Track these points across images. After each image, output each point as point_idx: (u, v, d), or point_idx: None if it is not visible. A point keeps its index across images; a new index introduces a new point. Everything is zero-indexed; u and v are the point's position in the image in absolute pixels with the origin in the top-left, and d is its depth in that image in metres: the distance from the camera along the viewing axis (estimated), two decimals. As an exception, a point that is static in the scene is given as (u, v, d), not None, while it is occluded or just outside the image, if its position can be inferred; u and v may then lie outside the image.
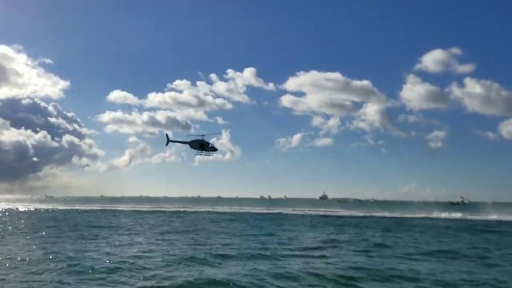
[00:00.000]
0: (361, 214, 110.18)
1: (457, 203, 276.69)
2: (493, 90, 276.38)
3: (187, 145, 63.43)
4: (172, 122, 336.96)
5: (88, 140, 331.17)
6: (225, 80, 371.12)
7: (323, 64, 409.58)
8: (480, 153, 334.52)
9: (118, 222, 67.70)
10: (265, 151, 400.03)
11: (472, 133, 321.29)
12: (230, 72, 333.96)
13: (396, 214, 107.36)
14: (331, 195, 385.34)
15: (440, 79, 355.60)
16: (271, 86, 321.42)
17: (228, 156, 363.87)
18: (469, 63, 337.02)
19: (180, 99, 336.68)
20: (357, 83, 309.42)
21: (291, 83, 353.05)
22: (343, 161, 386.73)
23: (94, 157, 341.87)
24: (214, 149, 64.74)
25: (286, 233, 50.83)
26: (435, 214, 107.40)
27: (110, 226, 59.89)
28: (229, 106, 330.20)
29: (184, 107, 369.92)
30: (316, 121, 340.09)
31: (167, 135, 65.45)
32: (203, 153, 64.78)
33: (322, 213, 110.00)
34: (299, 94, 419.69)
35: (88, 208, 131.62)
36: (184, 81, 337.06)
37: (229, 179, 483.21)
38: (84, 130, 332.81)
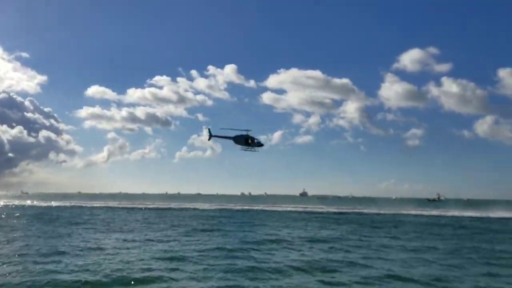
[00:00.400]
0: (339, 210, 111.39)
1: (433, 200, 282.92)
2: (469, 89, 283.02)
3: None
4: (152, 118, 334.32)
5: (65, 136, 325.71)
6: (206, 77, 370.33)
7: (304, 62, 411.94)
8: (456, 151, 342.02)
9: (92, 219, 66.82)
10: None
11: (449, 131, 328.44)
12: (211, 69, 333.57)
13: (374, 211, 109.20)
14: (311, 191, 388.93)
15: (418, 78, 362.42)
16: (252, 83, 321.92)
17: (208, 153, 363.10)
18: (446, 63, 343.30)
19: (160, 95, 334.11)
20: (337, 81, 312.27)
21: (272, 81, 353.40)
22: (323, 158, 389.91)
23: (71, 153, 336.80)
24: (260, 144, 60.65)
25: (261, 229, 51.09)
26: (411, 211, 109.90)
27: (78, 222, 59.17)
28: (209, 102, 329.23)
29: (164, 103, 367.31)
30: (297, 118, 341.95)
31: (209, 129, 61.33)
32: (249, 149, 60.51)
33: (301, 210, 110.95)
34: (280, 91, 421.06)
35: (62, 204, 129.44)
36: (164, 77, 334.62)
37: (209, 176, 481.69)
38: (61, 126, 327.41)
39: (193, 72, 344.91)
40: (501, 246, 39.61)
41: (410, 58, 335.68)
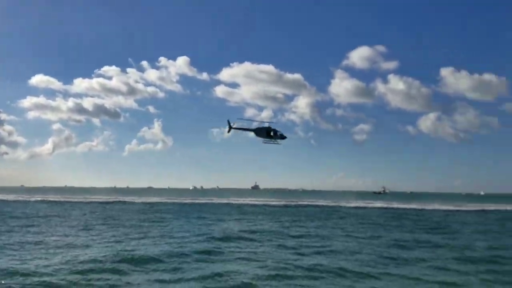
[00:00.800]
0: (288, 203, 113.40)
1: (379, 193, 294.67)
2: (414, 87, 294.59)
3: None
4: (100, 110, 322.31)
5: (7, 127, 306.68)
6: (157, 68, 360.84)
7: (256, 56, 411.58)
8: (401, 146, 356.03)
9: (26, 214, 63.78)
10: (198, 141, 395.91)
11: (394, 127, 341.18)
12: (163, 60, 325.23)
13: (321, 203, 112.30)
14: (263, 185, 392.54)
15: (366, 75, 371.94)
16: (205, 76, 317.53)
17: (160, 146, 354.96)
18: (393, 61, 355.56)
19: (109, 86, 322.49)
20: (289, 76, 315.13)
21: (225, 74, 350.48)
22: (275, 152, 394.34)
23: (14, 144, 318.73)
24: (283, 137, 58.18)
25: (207, 223, 51.03)
26: (358, 203, 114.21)
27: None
28: (161, 95, 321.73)
29: (113, 94, 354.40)
30: (250, 112, 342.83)
31: (228, 121, 58.16)
32: (271, 142, 58.02)
33: (252, 203, 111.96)
34: (233, 85, 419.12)
35: (5, 198, 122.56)
36: (114, 67, 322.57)
37: (161, 169, 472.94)
38: (3, 116, 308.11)
39: (144, 63, 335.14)
40: (434, 236, 42.06)
41: (359, 55, 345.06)
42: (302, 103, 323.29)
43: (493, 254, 30.45)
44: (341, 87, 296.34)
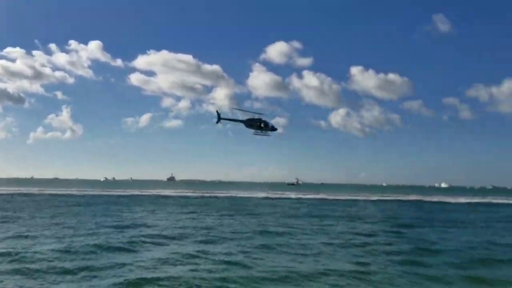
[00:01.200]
0: (202, 194, 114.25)
1: (293, 184, 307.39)
2: (326, 84, 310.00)
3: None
4: (2, 94, 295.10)
5: None
6: (67, 52, 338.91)
7: (175, 45, 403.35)
8: (313, 139, 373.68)
9: None
10: (111, 130, 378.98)
11: (308, 121, 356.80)
12: (73, 44, 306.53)
13: (235, 194, 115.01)
14: (179, 177, 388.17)
15: (283, 70, 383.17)
16: (119, 62, 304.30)
17: (68, 134, 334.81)
18: (308, 57, 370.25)
19: (12, 69, 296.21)
20: (208, 67, 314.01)
21: (141, 61, 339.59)
22: (191, 143, 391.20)
23: None
24: (274, 128, 57.62)
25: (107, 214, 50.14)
26: (272, 194, 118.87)
27: None
28: (71, 80, 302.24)
29: (16, 78, 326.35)
30: (167, 102, 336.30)
31: (217, 111, 56.69)
32: (262, 133, 57.14)
33: (165, 194, 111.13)
34: (150, 73, 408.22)
35: None
36: (18, 49, 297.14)
37: (69, 159, 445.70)
38: None
39: (52, 46, 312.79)
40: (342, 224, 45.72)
41: (276, 50, 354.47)
42: (221, 95, 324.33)
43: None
44: (259, 80, 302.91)
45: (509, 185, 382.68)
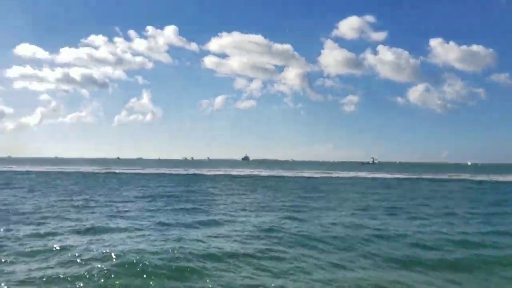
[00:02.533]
0: (278, 174, 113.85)
1: (368, 163, 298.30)
2: (403, 58, 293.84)
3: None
4: (88, 80, 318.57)
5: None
6: (145, 38, 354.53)
7: (245, 26, 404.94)
8: (390, 116, 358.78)
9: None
10: (188, 112, 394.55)
11: (383, 98, 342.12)
12: (150, 29, 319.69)
13: (312, 174, 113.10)
14: (253, 156, 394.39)
15: (356, 46, 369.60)
16: (193, 46, 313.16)
17: (149, 117, 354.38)
18: (382, 31, 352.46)
19: (97, 56, 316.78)
20: (278, 46, 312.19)
21: (214, 44, 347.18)
22: (264, 123, 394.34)
23: (0, 114, 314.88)
24: None
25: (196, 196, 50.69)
26: (343, 173, 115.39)
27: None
28: (149, 65, 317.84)
29: (101, 65, 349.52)
30: (239, 83, 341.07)
31: None
32: None
33: (243, 174, 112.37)
34: (222, 55, 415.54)
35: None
36: (101, 37, 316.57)
37: (150, 140, 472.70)
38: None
39: (131, 33, 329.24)
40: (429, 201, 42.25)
41: (348, 26, 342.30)
42: (292, 74, 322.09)
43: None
44: (331, 57, 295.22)
45: None
